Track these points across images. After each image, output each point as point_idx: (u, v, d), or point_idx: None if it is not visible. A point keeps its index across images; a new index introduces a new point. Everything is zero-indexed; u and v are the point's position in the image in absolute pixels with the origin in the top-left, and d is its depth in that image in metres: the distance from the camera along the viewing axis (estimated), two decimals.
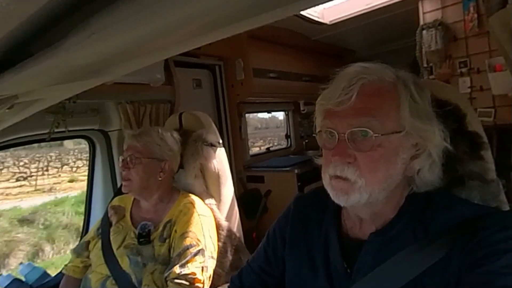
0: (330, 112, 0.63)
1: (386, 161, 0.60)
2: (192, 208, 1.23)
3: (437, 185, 0.65)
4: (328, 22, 2.67)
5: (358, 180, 0.60)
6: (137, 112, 1.79)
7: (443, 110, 0.65)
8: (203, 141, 1.42)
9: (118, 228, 1.26)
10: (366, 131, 0.59)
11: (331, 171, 0.62)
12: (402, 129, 0.60)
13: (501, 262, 0.53)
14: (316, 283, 0.70)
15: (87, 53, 0.42)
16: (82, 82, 0.55)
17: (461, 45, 2.30)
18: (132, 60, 0.49)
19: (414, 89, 0.62)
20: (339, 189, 0.62)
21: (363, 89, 0.60)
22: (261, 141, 5.01)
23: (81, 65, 0.47)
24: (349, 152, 0.60)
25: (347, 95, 0.59)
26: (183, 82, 2.14)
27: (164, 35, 0.39)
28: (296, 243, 0.77)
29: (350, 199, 0.61)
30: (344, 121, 0.61)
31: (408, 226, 0.63)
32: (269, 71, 2.80)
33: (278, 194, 2.59)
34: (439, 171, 0.64)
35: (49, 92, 0.63)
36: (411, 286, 0.58)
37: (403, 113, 0.60)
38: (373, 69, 0.62)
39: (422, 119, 0.61)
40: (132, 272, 1.13)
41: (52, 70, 0.47)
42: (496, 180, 0.75)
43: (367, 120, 0.59)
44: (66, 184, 5.80)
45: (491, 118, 2.20)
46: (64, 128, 1.50)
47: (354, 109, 0.60)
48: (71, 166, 6.47)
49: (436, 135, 0.61)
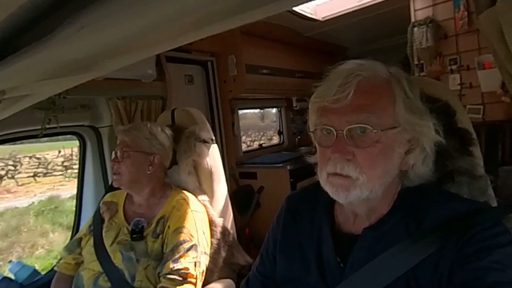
0: (326, 109, 0.63)
1: (384, 157, 0.61)
2: (185, 204, 1.23)
3: (430, 178, 0.67)
4: (320, 18, 2.67)
5: (360, 177, 0.60)
6: (128, 108, 1.77)
7: (433, 105, 0.67)
8: (196, 137, 1.42)
9: (111, 224, 1.25)
10: (364, 127, 0.59)
11: (330, 168, 0.62)
12: (398, 125, 0.61)
13: (491, 258, 0.55)
14: (309, 278, 0.71)
15: (77, 48, 0.42)
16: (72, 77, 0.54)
17: (452, 42, 2.33)
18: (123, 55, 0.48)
19: (406, 85, 0.63)
20: (339, 185, 0.62)
21: (359, 86, 0.60)
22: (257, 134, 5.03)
23: (70, 60, 0.46)
24: (348, 149, 0.61)
25: (344, 92, 0.60)
26: (175, 78, 2.13)
27: (155, 30, 0.39)
28: (288, 240, 0.78)
29: (351, 196, 0.61)
30: (342, 118, 0.61)
31: (401, 221, 0.64)
32: (262, 67, 2.79)
33: (270, 190, 2.60)
34: (432, 164, 0.66)
35: (38, 88, 0.62)
36: (404, 280, 0.59)
37: (399, 108, 0.61)
38: (368, 66, 0.63)
39: (416, 114, 0.62)
40: (125, 268, 1.13)
41: (41, 65, 0.46)
42: (484, 176, 0.77)
43: (365, 116, 0.60)
44: None
45: (480, 115, 2.24)
46: (56, 124, 1.48)
47: (352, 106, 0.60)
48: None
49: (431, 130, 0.63)
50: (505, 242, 0.57)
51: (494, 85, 2.11)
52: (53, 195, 5.00)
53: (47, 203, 4.72)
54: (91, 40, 0.40)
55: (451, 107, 0.78)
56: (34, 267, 1.50)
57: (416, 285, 0.58)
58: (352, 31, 3.14)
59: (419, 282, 0.58)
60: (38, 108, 1.43)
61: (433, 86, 0.84)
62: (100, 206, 1.33)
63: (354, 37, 3.41)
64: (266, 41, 2.86)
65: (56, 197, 4.88)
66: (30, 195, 5.10)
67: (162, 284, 1.08)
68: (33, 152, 6.01)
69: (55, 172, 5.81)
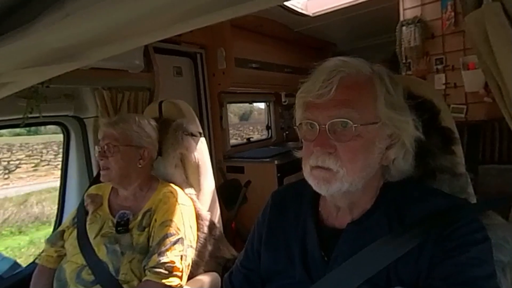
0: (310, 104, 0.65)
1: (365, 151, 0.63)
2: (172, 198, 1.23)
3: (410, 173, 0.69)
4: (311, 14, 2.67)
5: (340, 170, 0.62)
6: (114, 99, 1.73)
7: (416, 102, 0.68)
8: (184, 130, 1.40)
9: (95, 217, 1.23)
10: (346, 121, 0.61)
11: (312, 161, 0.64)
12: (379, 120, 0.63)
13: (470, 253, 0.57)
14: (293, 272, 0.72)
15: (62, 35, 0.40)
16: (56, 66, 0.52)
17: (438, 42, 2.37)
18: (109, 44, 0.47)
19: (388, 82, 0.65)
20: (321, 178, 0.64)
21: (342, 82, 0.62)
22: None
23: (54, 48, 0.45)
24: (330, 142, 0.62)
25: (327, 88, 0.61)
26: (163, 70, 2.09)
27: (143, 19, 0.38)
28: (273, 235, 0.78)
29: (332, 188, 0.63)
30: (325, 113, 0.63)
31: (383, 216, 0.66)
32: (251, 61, 2.78)
33: (258, 184, 2.60)
34: (412, 160, 0.68)
35: (20, 76, 0.60)
36: (385, 273, 0.60)
37: (379, 104, 0.63)
38: (351, 63, 0.65)
39: (397, 111, 0.64)
40: (109, 261, 1.12)
41: (23, 52, 0.44)
42: (465, 174, 0.79)
43: (346, 111, 0.61)
44: None
45: (463, 115, 2.30)
46: (38, 114, 1.44)
47: (334, 101, 0.62)
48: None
49: (410, 125, 0.65)
50: (482, 238, 0.59)
51: (477, 85, 2.17)
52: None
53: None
54: (77, 28, 0.38)
55: (436, 106, 0.80)
56: (15, 259, 1.47)
57: (396, 278, 0.60)
58: (342, 28, 3.16)
59: (400, 276, 0.60)
60: (20, 97, 1.38)
61: (419, 85, 0.86)
62: (85, 198, 1.31)
63: (343, 34, 3.43)
64: (256, 35, 2.84)
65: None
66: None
67: (147, 278, 1.07)
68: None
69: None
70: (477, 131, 2.16)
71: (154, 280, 1.06)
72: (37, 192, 4.48)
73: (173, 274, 1.09)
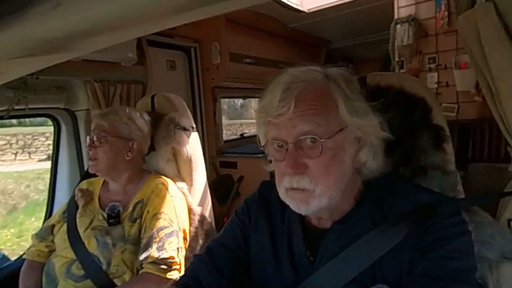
0: (272, 123, 0.63)
1: (337, 161, 0.62)
2: (164, 189, 1.22)
3: (382, 170, 0.68)
4: (306, 10, 2.66)
5: (316, 188, 0.61)
6: (106, 92, 1.71)
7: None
8: (176, 124, 1.40)
9: (85, 211, 1.22)
10: (313, 137, 0.60)
11: (287, 183, 0.63)
12: (344, 127, 0.62)
13: (450, 247, 0.57)
14: (280, 272, 0.71)
15: (52, 26, 0.39)
16: (46, 56, 0.51)
17: (431, 41, 2.39)
18: (101, 36, 0.46)
19: (345, 86, 0.63)
20: (298, 199, 0.63)
21: (299, 98, 0.60)
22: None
23: (45, 39, 0.44)
24: (301, 161, 0.61)
25: (285, 107, 0.60)
26: (157, 63, 2.07)
27: (136, 11, 0.37)
28: (260, 229, 0.78)
29: (311, 207, 0.62)
30: (290, 131, 0.61)
31: (367, 214, 0.66)
32: (246, 57, 2.77)
33: (250, 180, 2.60)
34: (382, 158, 0.67)
35: (9, 66, 0.59)
36: (371, 270, 0.61)
37: (341, 111, 0.62)
38: (304, 76, 0.63)
39: (359, 114, 0.63)
40: (100, 254, 1.11)
41: (13, 42, 0.43)
42: (455, 172, 0.80)
43: (310, 125, 0.60)
44: None
45: (454, 113, 2.33)
46: (24, 106, 1.41)
47: (296, 118, 0.60)
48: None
49: (375, 128, 0.64)
50: (461, 231, 0.60)
51: (468, 84, 2.19)
52: None
53: None
54: (68, 19, 0.38)
55: (428, 104, 0.81)
56: (3, 253, 1.45)
57: (381, 275, 0.60)
58: (336, 25, 3.16)
59: (384, 273, 0.60)
60: (8, 87, 1.35)
61: (412, 83, 0.87)
62: (75, 192, 1.30)
63: (338, 30, 3.43)
64: (250, 30, 2.82)
65: None
66: None
67: (146, 270, 1.07)
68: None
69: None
70: (467, 130, 2.20)
71: (155, 273, 1.07)
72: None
73: (172, 268, 1.10)
